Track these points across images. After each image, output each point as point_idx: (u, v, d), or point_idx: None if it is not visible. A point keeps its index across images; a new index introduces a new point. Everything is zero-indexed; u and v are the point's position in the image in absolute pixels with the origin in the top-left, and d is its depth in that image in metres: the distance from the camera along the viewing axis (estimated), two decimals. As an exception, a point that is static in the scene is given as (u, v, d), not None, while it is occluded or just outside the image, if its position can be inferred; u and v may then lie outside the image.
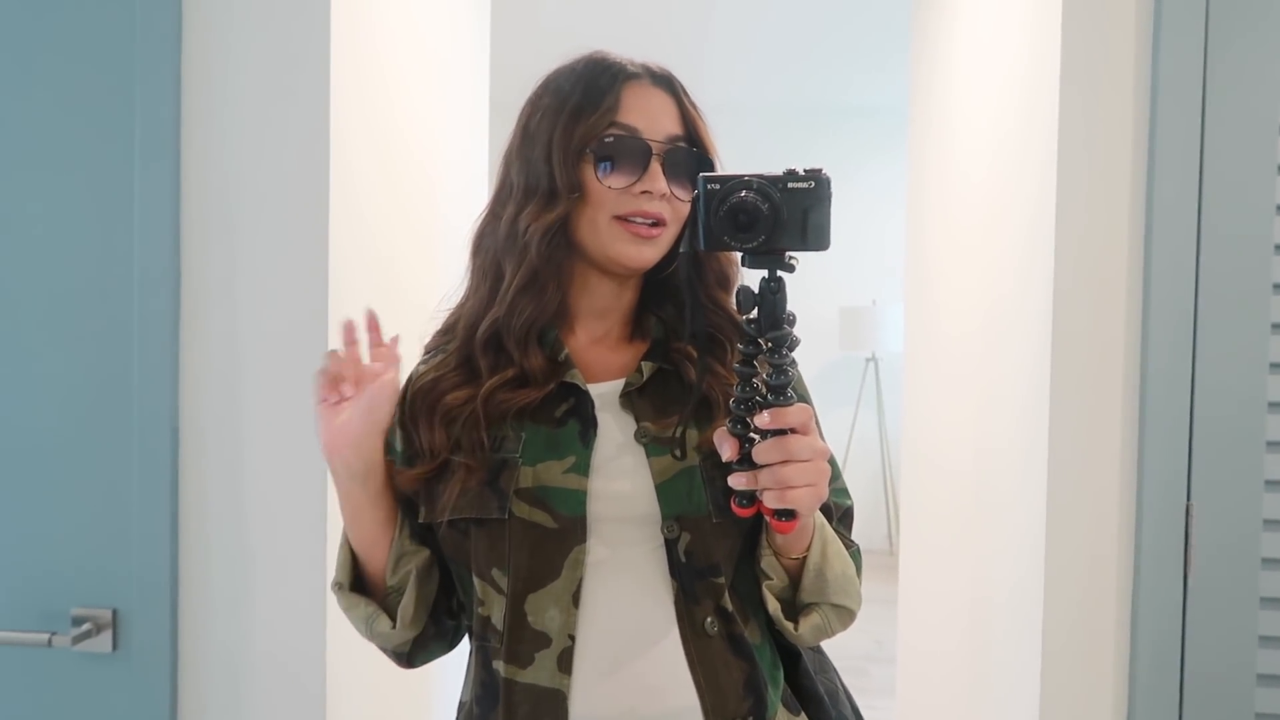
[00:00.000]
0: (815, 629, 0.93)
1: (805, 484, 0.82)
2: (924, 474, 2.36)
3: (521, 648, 0.92)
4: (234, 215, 1.37)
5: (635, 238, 0.95)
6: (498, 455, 0.94)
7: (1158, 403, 1.33)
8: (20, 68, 1.37)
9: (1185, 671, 1.34)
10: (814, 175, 0.85)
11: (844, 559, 0.94)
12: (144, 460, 1.38)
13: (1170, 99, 1.31)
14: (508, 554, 0.93)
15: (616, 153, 0.95)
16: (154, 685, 1.39)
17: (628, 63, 1.00)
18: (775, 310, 0.83)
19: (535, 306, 0.97)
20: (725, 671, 0.92)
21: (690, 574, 0.92)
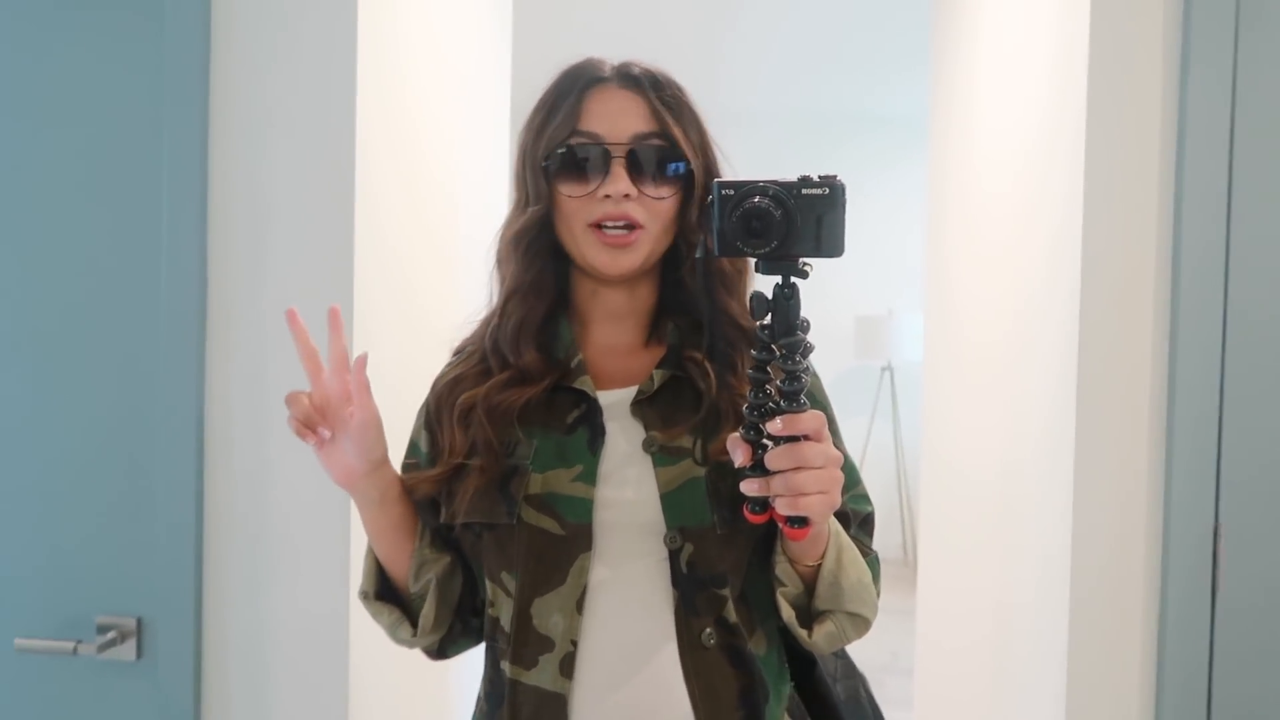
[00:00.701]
0: (829, 637, 0.93)
1: (818, 491, 0.81)
2: (945, 483, 2.35)
3: (526, 650, 0.93)
4: (260, 230, 1.38)
5: (607, 246, 0.95)
6: (510, 461, 0.96)
7: (1186, 420, 1.32)
8: (52, 85, 1.38)
9: (1213, 695, 1.32)
10: (828, 182, 0.86)
11: (860, 567, 0.94)
12: (168, 471, 1.39)
13: (1199, 107, 1.30)
14: (516, 558, 0.94)
15: (575, 160, 0.95)
16: (177, 693, 1.39)
17: (602, 66, 1.00)
18: (789, 316, 0.83)
19: (521, 310, 0.99)
20: (722, 684, 0.92)
21: (692, 585, 0.93)
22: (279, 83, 1.37)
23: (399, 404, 1.13)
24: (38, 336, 1.40)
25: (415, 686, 1.71)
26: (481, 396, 0.97)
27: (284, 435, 1.38)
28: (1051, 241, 1.50)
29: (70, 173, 1.39)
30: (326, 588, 1.38)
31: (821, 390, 1.04)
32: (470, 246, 1.99)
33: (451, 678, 1.90)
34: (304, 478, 1.38)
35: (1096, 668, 1.37)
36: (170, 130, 1.36)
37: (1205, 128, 1.30)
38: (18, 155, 1.40)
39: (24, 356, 1.40)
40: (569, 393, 0.98)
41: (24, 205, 1.40)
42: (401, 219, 1.57)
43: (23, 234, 1.40)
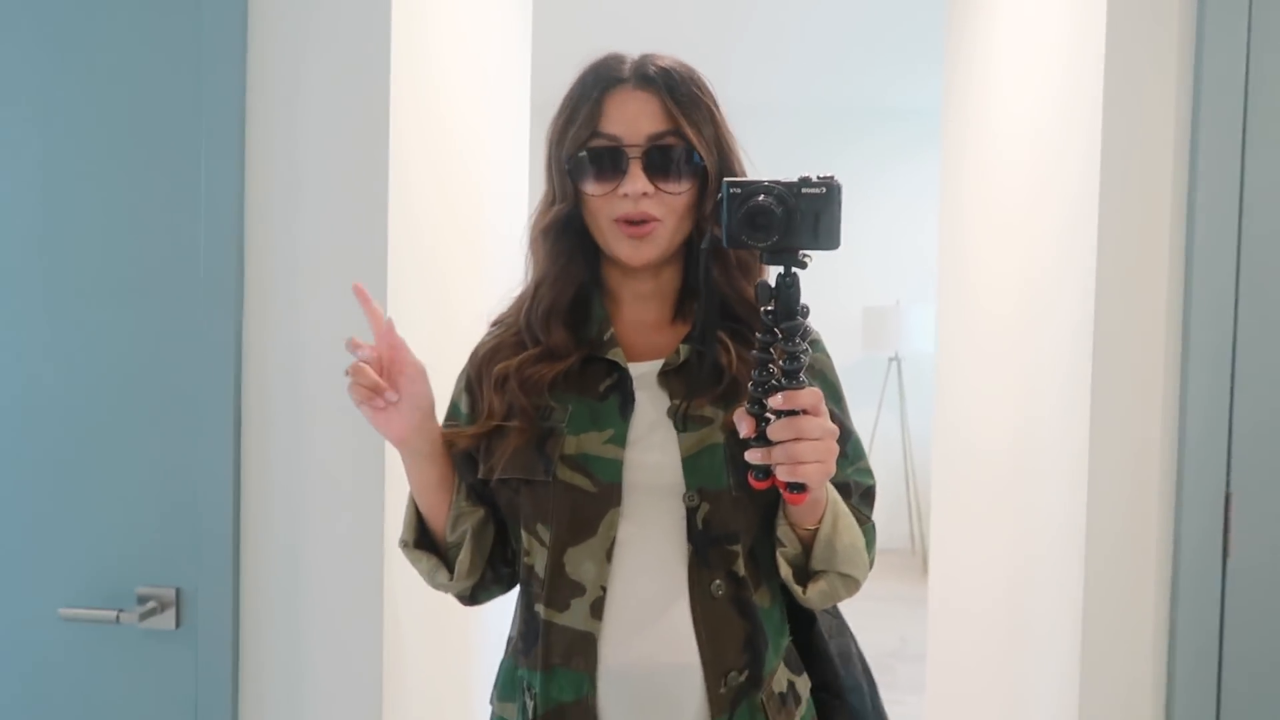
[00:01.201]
0: (822, 594, 1.02)
1: (815, 460, 0.89)
2: (958, 467, 2.38)
3: (559, 594, 1.02)
4: (296, 212, 1.41)
5: (629, 238, 1.03)
6: (546, 424, 1.05)
7: (1199, 392, 1.35)
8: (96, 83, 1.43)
9: (1224, 661, 1.36)
10: (826, 182, 0.92)
11: (854, 532, 1.02)
12: (207, 448, 1.42)
13: (1213, 91, 1.34)
14: (551, 512, 1.03)
15: (594, 163, 1.03)
16: (216, 661, 1.43)
17: (621, 66, 1.06)
18: (790, 302, 0.91)
19: (551, 295, 1.08)
20: (727, 631, 1.01)
21: (705, 541, 1.02)
22: (316, 75, 1.40)
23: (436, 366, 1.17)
24: (80, 311, 1.44)
25: (447, 657, 1.76)
26: (514, 369, 1.06)
27: (318, 416, 1.42)
28: (1067, 221, 1.54)
29: (114, 166, 1.43)
30: (361, 558, 1.42)
31: (832, 369, 1.13)
32: (493, 232, 2.03)
33: (474, 658, 1.94)
34: (337, 455, 1.42)
35: (1110, 637, 1.40)
36: (209, 121, 1.40)
37: (1219, 109, 1.34)
38: (65, 137, 1.44)
39: (69, 332, 1.44)
40: (601, 363, 1.07)
41: (71, 183, 1.44)
42: (431, 205, 1.61)
43: (70, 211, 1.44)
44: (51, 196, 1.44)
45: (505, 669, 1.13)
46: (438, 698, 1.72)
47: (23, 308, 1.45)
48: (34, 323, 1.45)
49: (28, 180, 1.44)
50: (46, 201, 1.44)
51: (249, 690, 1.45)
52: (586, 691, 1.00)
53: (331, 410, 1.42)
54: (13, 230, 1.45)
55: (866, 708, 1.16)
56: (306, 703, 1.44)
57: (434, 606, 1.70)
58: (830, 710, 1.14)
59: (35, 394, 1.45)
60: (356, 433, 1.41)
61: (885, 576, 5.51)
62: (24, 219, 1.44)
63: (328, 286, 1.42)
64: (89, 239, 1.44)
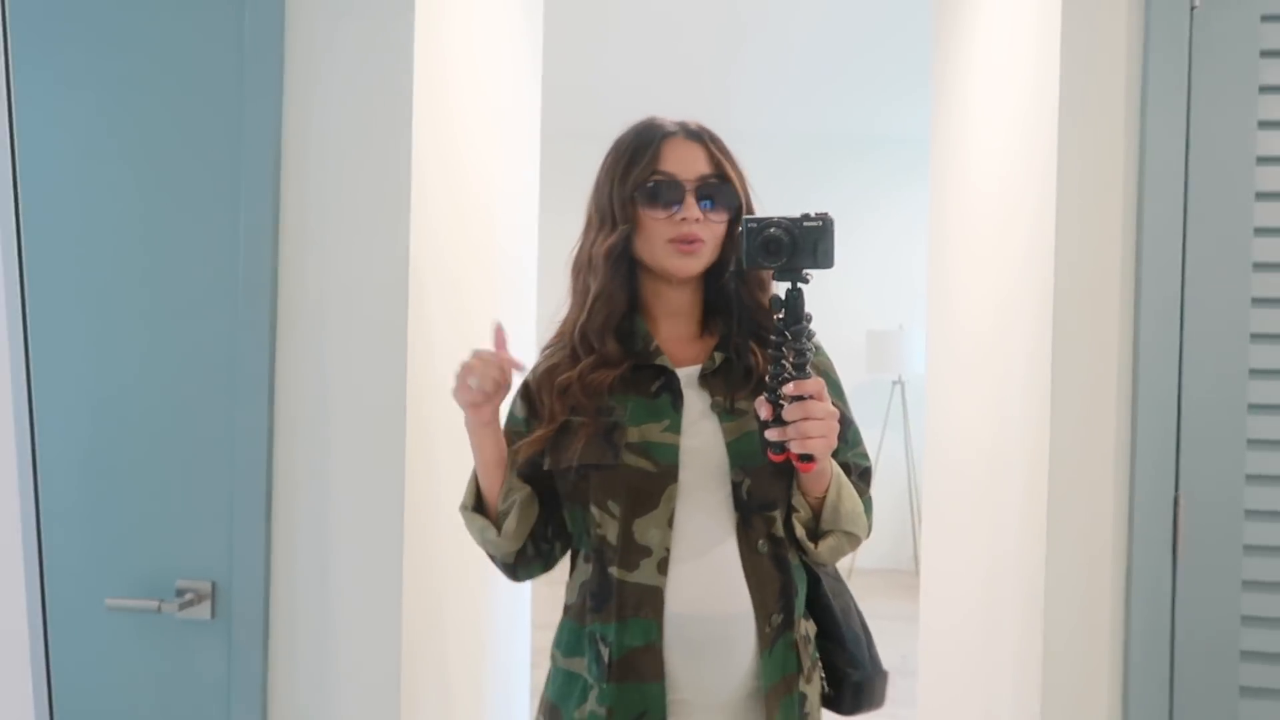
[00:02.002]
0: (831, 549, 1.27)
1: (820, 435, 1.14)
2: (942, 484, 2.49)
3: (631, 557, 1.24)
4: (326, 229, 1.56)
5: (682, 253, 1.28)
6: (609, 419, 1.27)
7: (1149, 405, 1.47)
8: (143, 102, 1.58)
9: (1175, 651, 1.47)
10: (822, 217, 1.17)
11: (855, 500, 1.27)
12: (241, 453, 1.56)
13: (1158, 123, 1.47)
14: (619, 490, 1.25)
15: (657, 192, 1.28)
16: (248, 649, 1.56)
17: (669, 123, 1.32)
18: (797, 310, 1.17)
19: (606, 310, 1.31)
20: (769, 580, 1.25)
21: (749, 508, 1.25)
22: (345, 108, 1.55)
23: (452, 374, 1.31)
24: (124, 321, 1.57)
25: (463, 644, 1.88)
26: (577, 376, 1.29)
27: (346, 421, 1.56)
28: (1029, 245, 1.67)
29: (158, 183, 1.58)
30: (381, 557, 1.55)
31: (833, 368, 1.39)
32: (505, 256, 2.18)
33: (485, 648, 2.06)
34: (363, 459, 1.55)
35: (1070, 634, 1.51)
36: (249, 149, 1.55)
37: (1163, 142, 1.47)
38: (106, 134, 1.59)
39: (115, 341, 1.58)
40: (650, 369, 1.31)
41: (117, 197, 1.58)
42: (450, 228, 1.76)
43: (116, 223, 1.57)
44: (102, 210, 1.58)
45: (569, 629, 1.32)
46: (450, 682, 1.84)
47: (70, 316, 1.58)
48: (81, 332, 1.58)
49: (77, 190, 1.58)
50: (97, 212, 1.58)
51: (278, 675, 1.57)
52: (655, 636, 1.22)
53: (356, 421, 1.56)
54: (62, 238, 1.57)
55: (864, 654, 1.38)
56: (331, 687, 1.56)
57: (449, 602, 1.83)
58: (832, 655, 1.37)
59: (86, 404, 1.58)
60: (378, 440, 1.55)
61: (889, 596, 5.59)
62: (74, 227, 1.58)
63: (357, 301, 1.56)
64: (133, 254, 1.58)
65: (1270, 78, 1.46)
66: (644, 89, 5.11)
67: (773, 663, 1.24)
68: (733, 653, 1.23)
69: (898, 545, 6.04)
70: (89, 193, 1.58)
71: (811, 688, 1.30)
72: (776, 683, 1.24)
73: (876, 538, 6.23)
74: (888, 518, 6.01)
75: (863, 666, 1.37)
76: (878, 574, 5.90)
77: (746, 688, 1.24)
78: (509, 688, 2.37)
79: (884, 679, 1.40)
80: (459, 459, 1.84)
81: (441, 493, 1.74)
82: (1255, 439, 1.45)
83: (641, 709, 1.21)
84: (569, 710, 1.28)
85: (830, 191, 5.98)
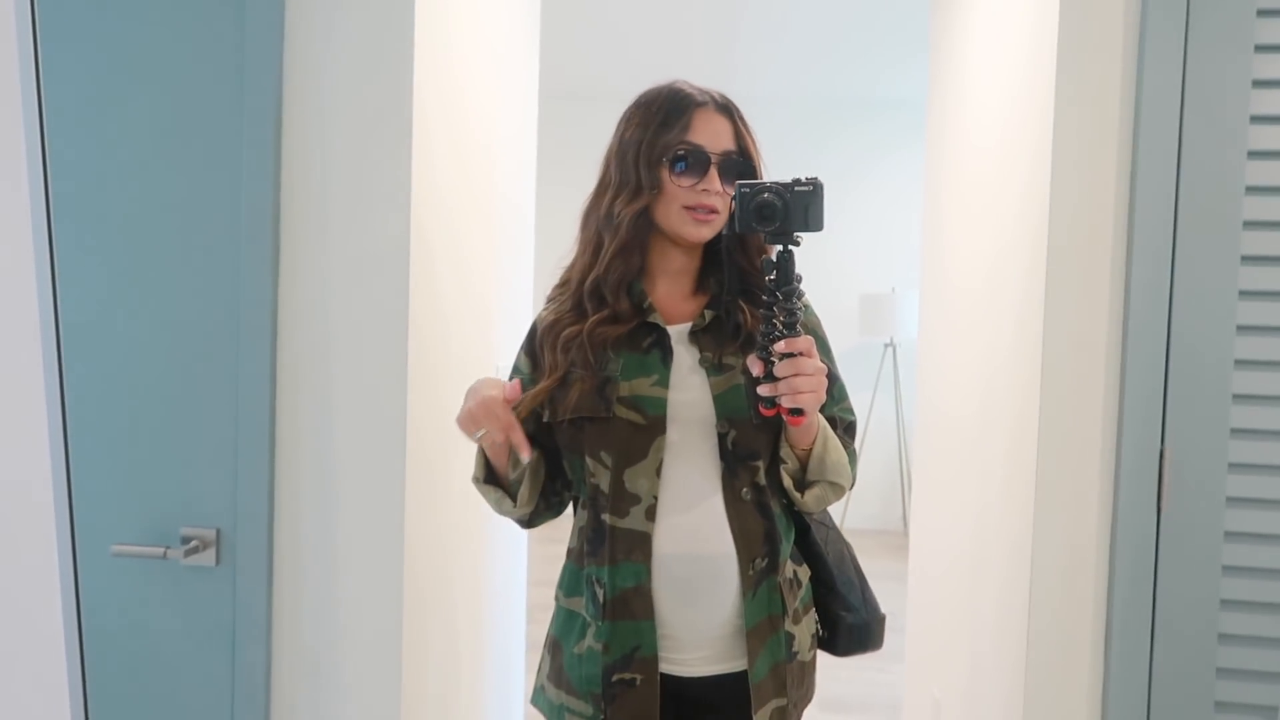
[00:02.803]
0: (816, 498, 1.33)
1: (809, 390, 1.19)
2: (932, 440, 2.53)
3: (621, 504, 1.30)
4: (330, 181, 1.57)
5: (697, 221, 1.32)
6: (603, 373, 1.31)
7: (1137, 362, 1.50)
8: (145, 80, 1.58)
9: (1157, 602, 1.51)
10: (812, 182, 1.21)
11: (840, 452, 1.32)
12: (244, 400, 1.58)
13: (1154, 82, 1.48)
14: (612, 441, 1.30)
15: (686, 161, 1.31)
16: (252, 594, 1.59)
17: (699, 93, 1.34)
18: (788, 272, 1.21)
19: (624, 267, 1.34)
20: (753, 526, 1.31)
21: (734, 458, 1.30)
22: (346, 60, 1.56)
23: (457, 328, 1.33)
24: (129, 279, 1.59)
25: (462, 595, 1.92)
26: (586, 330, 1.33)
27: (347, 371, 1.58)
28: (1023, 201, 1.68)
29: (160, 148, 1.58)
30: (383, 504, 1.58)
31: (820, 326, 1.42)
32: (506, 202, 2.19)
33: (485, 591, 2.10)
34: (364, 406, 1.58)
35: (1055, 582, 1.56)
36: (249, 95, 1.55)
37: (1159, 101, 1.49)
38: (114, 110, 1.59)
39: (124, 296, 1.59)
40: (645, 326, 1.34)
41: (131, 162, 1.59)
42: (452, 174, 1.77)
43: (116, 172, 1.58)
44: (107, 167, 1.59)
45: (570, 571, 1.38)
46: (453, 628, 1.88)
47: (76, 268, 1.59)
48: (87, 284, 1.59)
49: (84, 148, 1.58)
50: (102, 169, 1.59)
51: (282, 620, 1.61)
52: (644, 578, 1.28)
53: (358, 372, 1.58)
54: (71, 195, 1.58)
55: (858, 598, 1.43)
56: (334, 631, 1.60)
57: (452, 550, 1.86)
58: (825, 599, 1.43)
59: (90, 354, 1.60)
60: (379, 393, 1.57)
61: (879, 555, 5.67)
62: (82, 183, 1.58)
63: (359, 247, 1.57)
64: (137, 204, 1.58)
65: (1266, 37, 1.48)
66: (642, 53, 5.07)
67: (756, 604, 1.30)
68: (716, 593, 1.29)
69: (887, 506, 6.11)
70: (95, 150, 1.58)
71: (800, 628, 1.36)
72: (760, 622, 1.30)
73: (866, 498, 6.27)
74: (878, 479, 6.07)
75: (857, 610, 1.42)
76: (868, 534, 5.98)
77: (731, 625, 1.30)
78: (508, 640, 2.41)
79: (880, 623, 1.45)
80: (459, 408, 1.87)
81: (443, 442, 1.77)
82: (1240, 394, 1.48)
83: (635, 644, 1.28)
84: (570, 645, 1.35)
85: (826, 155, 5.97)
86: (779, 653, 1.31)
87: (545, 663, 1.41)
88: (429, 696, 1.76)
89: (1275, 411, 1.49)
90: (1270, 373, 1.49)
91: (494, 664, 2.26)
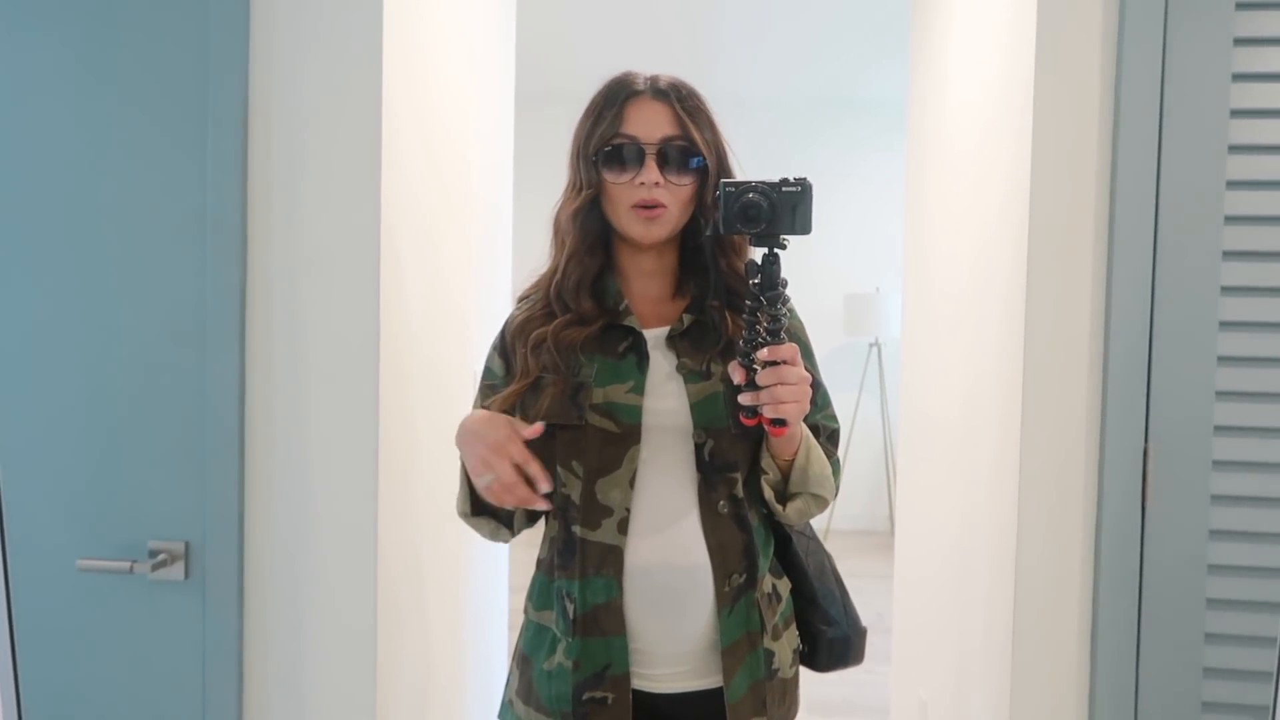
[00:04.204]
0: (798, 511, 1.27)
1: (793, 400, 1.13)
2: (917, 442, 2.51)
3: (592, 516, 1.25)
4: (297, 186, 1.53)
5: (645, 220, 1.26)
6: (576, 379, 1.26)
7: (1120, 359, 1.48)
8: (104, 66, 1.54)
9: (1143, 600, 1.49)
10: (800, 182, 1.15)
11: (823, 462, 1.28)
12: (212, 411, 1.54)
13: (1133, 77, 1.47)
14: (584, 450, 1.25)
15: (618, 156, 1.25)
16: (221, 608, 1.56)
17: (638, 80, 1.28)
18: (772, 276, 1.15)
19: (579, 269, 1.30)
20: (730, 539, 1.26)
21: (711, 470, 1.25)
22: (316, 57, 1.52)
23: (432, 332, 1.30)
24: (95, 282, 1.54)
25: (438, 610, 1.88)
26: (551, 333, 1.28)
27: (318, 381, 1.54)
28: (1001, 202, 1.67)
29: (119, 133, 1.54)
30: (355, 516, 1.54)
31: (804, 331, 1.38)
32: (480, 201, 2.16)
33: (464, 602, 2.07)
34: (336, 418, 1.54)
35: (1041, 581, 1.54)
36: (215, 97, 1.52)
37: (1138, 97, 1.47)
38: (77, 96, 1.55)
39: (85, 304, 1.55)
40: (619, 329, 1.29)
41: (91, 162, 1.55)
42: (423, 175, 1.74)
43: (75, 169, 1.54)
44: (65, 163, 1.54)
45: (540, 583, 1.33)
46: (429, 641, 1.85)
47: (38, 276, 1.55)
48: (50, 292, 1.55)
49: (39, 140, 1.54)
50: (60, 166, 1.55)
51: (252, 635, 1.57)
52: (615, 594, 1.23)
53: (329, 376, 1.54)
54: (25, 196, 1.54)
55: (839, 610, 1.39)
56: (307, 646, 1.56)
57: (427, 561, 1.83)
58: (805, 613, 1.38)
59: (56, 364, 1.56)
60: (352, 401, 1.54)
61: (865, 556, 5.66)
62: (38, 182, 1.54)
63: (327, 256, 1.53)
64: (99, 209, 1.54)
65: (1245, 30, 1.46)
66: (621, 51, 5.05)
67: (733, 621, 1.25)
68: (689, 609, 1.24)
69: (873, 506, 6.11)
70: (50, 142, 1.54)
71: (780, 644, 1.31)
72: (738, 640, 1.25)
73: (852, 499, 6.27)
74: (863, 479, 6.06)
75: (838, 624, 1.37)
76: (853, 535, 5.97)
77: (706, 640, 1.25)
78: (489, 650, 2.38)
79: (861, 636, 1.40)
80: (435, 415, 1.83)
81: (418, 450, 1.73)
82: (1223, 391, 1.47)
83: (606, 661, 1.23)
84: (539, 661, 1.30)
85: (809, 154, 5.96)
86: (758, 671, 1.26)
87: (514, 677, 1.36)
88: (405, 708, 1.72)
89: (1258, 408, 1.47)
90: (1253, 369, 1.47)
91: (473, 673, 2.22)
